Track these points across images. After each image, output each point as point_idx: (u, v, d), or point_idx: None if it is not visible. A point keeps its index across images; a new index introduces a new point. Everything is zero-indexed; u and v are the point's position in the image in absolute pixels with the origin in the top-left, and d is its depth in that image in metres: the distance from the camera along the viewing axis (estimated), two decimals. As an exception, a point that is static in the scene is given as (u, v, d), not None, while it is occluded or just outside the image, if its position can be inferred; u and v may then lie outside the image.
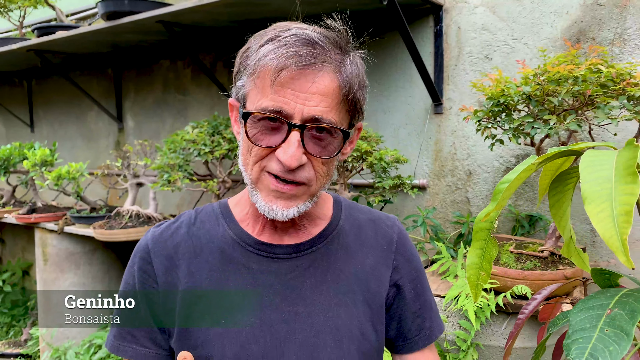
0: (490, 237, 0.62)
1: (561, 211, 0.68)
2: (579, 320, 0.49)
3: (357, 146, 1.58)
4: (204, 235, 0.79)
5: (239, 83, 0.69)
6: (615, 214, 0.44)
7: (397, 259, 0.84)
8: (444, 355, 1.38)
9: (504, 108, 1.27)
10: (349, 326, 0.77)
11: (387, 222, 0.87)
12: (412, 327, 0.84)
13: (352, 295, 0.79)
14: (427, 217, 1.74)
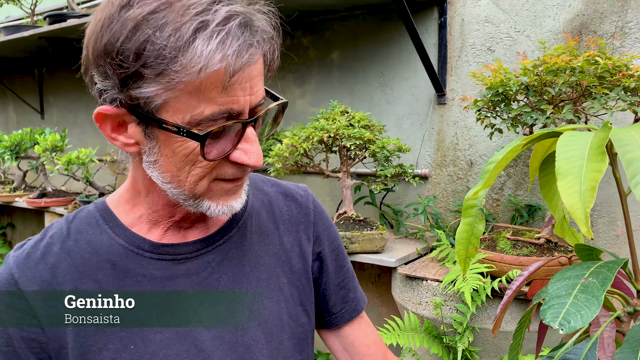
0: (478, 214, 0.66)
1: (552, 191, 0.71)
2: (555, 288, 0.53)
3: (360, 134, 1.61)
4: (85, 249, 0.64)
5: (141, 92, 0.52)
6: (582, 189, 0.47)
7: (317, 230, 0.77)
8: (441, 337, 1.43)
9: (503, 98, 1.31)
10: (278, 315, 0.70)
11: (300, 192, 0.80)
12: (337, 301, 0.79)
13: (275, 281, 0.72)
14: (428, 205, 1.78)
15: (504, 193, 1.84)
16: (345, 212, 1.76)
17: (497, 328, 0.76)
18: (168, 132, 0.55)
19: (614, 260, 0.55)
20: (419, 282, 1.49)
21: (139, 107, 0.55)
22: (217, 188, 0.60)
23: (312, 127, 1.67)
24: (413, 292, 1.50)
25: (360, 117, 1.68)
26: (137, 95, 0.53)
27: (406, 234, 1.94)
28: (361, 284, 2.30)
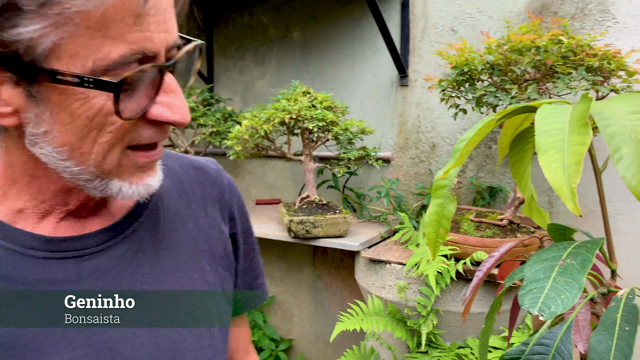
0: (449, 195, 0.62)
1: (521, 170, 0.69)
2: (533, 272, 0.50)
3: (323, 116, 1.57)
4: None
5: (18, 33, 0.38)
6: (566, 163, 0.44)
7: (232, 209, 0.69)
8: (404, 321, 1.41)
9: (467, 78, 1.28)
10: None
11: (212, 165, 0.71)
12: (241, 286, 0.71)
13: (198, 270, 0.62)
14: (391, 188, 1.75)
15: (466, 175, 1.84)
16: (308, 196, 1.71)
17: (467, 312, 0.73)
18: (64, 87, 0.41)
19: (591, 240, 0.53)
20: (382, 266, 1.47)
21: (17, 57, 0.40)
22: (128, 163, 0.48)
23: (273, 108, 1.61)
24: (377, 276, 1.48)
25: (322, 98, 1.63)
26: (12, 38, 0.38)
27: (369, 217, 1.92)
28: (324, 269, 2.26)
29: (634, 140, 0.45)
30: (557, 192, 0.44)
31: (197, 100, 1.93)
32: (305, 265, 2.23)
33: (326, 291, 2.19)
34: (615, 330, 0.51)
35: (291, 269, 2.27)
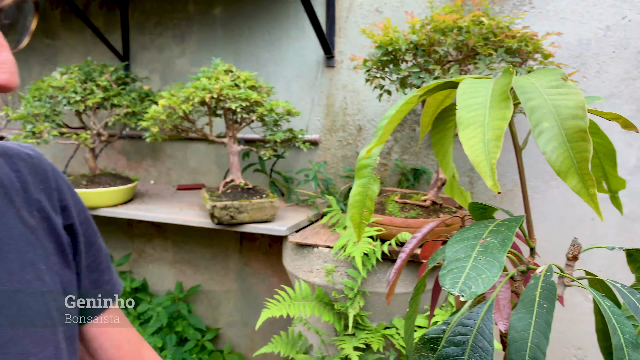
0: (372, 174, 0.59)
1: (443, 149, 0.67)
2: (454, 251, 0.48)
3: (247, 96, 1.50)
4: None
5: None
6: (486, 139, 0.42)
7: (62, 197, 0.63)
8: (332, 304, 1.40)
9: (392, 58, 1.27)
10: (47, 313, 0.55)
11: (28, 151, 0.63)
12: (88, 286, 0.65)
13: (32, 270, 0.56)
14: (319, 171, 1.73)
15: (391, 157, 1.85)
16: (232, 180, 1.65)
17: (391, 294, 0.72)
18: None
19: (511, 218, 0.52)
20: (310, 250, 1.44)
21: None
22: None
23: (192, 87, 1.52)
24: (304, 260, 1.45)
25: (246, 77, 1.57)
26: None
27: (297, 201, 1.88)
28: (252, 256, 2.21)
29: (554, 114, 0.44)
30: (476, 168, 0.42)
31: (110, 78, 1.79)
32: (232, 253, 2.17)
33: (254, 278, 2.15)
34: (534, 307, 0.51)
35: (217, 257, 2.19)
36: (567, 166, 0.42)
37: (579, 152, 0.41)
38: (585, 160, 0.41)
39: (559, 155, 0.42)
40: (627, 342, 0.48)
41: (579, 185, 0.41)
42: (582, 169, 0.41)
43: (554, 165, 0.43)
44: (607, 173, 0.60)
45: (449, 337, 0.51)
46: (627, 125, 0.50)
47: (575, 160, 0.42)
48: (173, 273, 2.29)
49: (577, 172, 0.41)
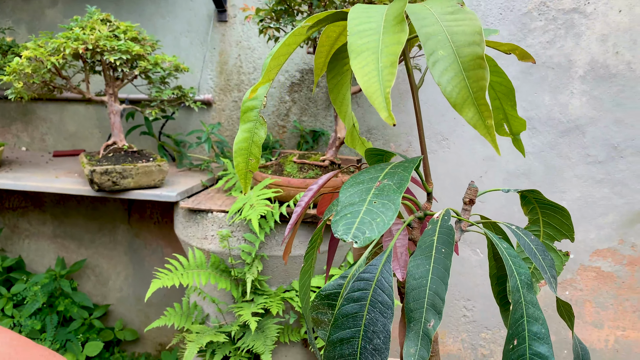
0: (259, 118, 0.53)
1: (340, 95, 0.62)
2: (348, 195, 0.43)
3: (127, 47, 1.35)
4: None
5: None
6: (380, 66, 0.38)
7: None
8: (229, 271, 1.33)
9: (287, 8, 1.19)
10: None
11: None
12: None
13: None
14: (212, 132, 1.62)
15: (290, 119, 1.79)
16: (114, 143, 1.50)
17: (288, 253, 0.67)
18: None
19: (408, 160, 0.48)
20: (203, 215, 1.36)
21: None
22: None
23: (63, 37, 1.33)
24: (197, 227, 1.36)
25: (126, 27, 1.41)
26: None
27: (190, 166, 1.77)
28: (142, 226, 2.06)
29: (450, 41, 0.40)
30: (370, 99, 0.37)
31: (-38, 26, 1.53)
32: (120, 224, 2.00)
33: (145, 249, 2.01)
34: (432, 253, 0.48)
35: (103, 229, 2.02)
36: (463, 97, 0.39)
37: (475, 81, 0.38)
38: (482, 90, 0.38)
39: (455, 86, 0.39)
40: (523, 283, 0.47)
41: (476, 117, 0.38)
42: (479, 99, 0.38)
43: (449, 97, 0.39)
44: (508, 114, 0.59)
45: (347, 293, 0.47)
46: (524, 57, 0.48)
47: (471, 90, 0.38)
48: (53, 249, 2.08)
49: (474, 103, 0.38)
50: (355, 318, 0.47)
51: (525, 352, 0.46)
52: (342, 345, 0.48)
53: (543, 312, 1.68)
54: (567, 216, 0.53)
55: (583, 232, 1.63)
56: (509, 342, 0.45)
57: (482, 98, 0.38)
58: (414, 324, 0.47)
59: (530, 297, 0.47)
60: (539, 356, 0.46)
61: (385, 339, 0.47)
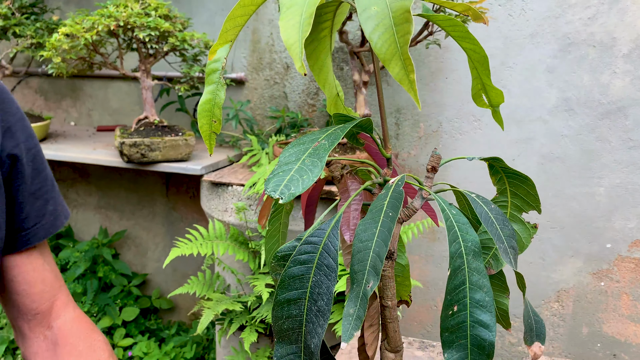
0: (220, 80, 0.54)
1: (319, 62, 0.62)
2: (287, 155, 0.44)
3: (156, 24, 1.40)
4: None
5: None
6: (302, 18, 0.38)
7: (6, 119, 0.62)
8: (247, 243, 1.37)
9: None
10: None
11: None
12: (31, 213, 0.65)
13: None
14: (240, 109, 1.66)
15: (319, 98, 1.80)
16: (146, 117, 1.56)
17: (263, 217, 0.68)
18: None
19: (351, 120, 0.48)
20: (224, 189, 1.39)
21: None
22: None
23: (97, 14, 1.40)
24: (219, 199, 1.41)
25: (157, 4, 1.46)
26: None
27: (221, 142, 1.82)
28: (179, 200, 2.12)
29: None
30: (289, 50, 0.37)
31: (13, 6, 1.63)
32: (158, 197, 2.09)
33: (182, 222, 2.09)
34: (381, 217, 0.48)
35: (143, 202, 2.12)
36: (391, 52, 0.38)
37: (402, 35, 0.37)
38: (407, 44, 0.37)
39: (385, 41, 0.38)
40: (469, 250, 0.46)
41: (402, 72, 0.38)
42: (404, 53, 0.37)
43: (379, 52, 0.38)
44: (485, 84, 0.57)
45: (294, 256, 0.48)
46: (477, 18, 0.46)
47: (399, 45, 0.38)
48: (98, 219, 2.21)
49: (400, 58, 0.38)
50: (302, 280, 0.48)
51: (466, 319, 0.45)
52: (290, 306, 0.49)
53: (568, 306, 1.59)
54: (532, 186, 0.51)
55: (622, 221, 1.54)
56: (448, 308, 0.45)
57: (406, 52, 0.37)
58: (356, 286, 0.47)
59: (476, 264, 0.45)
60: (481, 324, 0.45)
61: (328, 301, 0.48)
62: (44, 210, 0.66)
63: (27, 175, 0.64)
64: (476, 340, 0.45)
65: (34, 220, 0.65)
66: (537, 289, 1.67)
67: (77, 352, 0.68)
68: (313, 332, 0.48)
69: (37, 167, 0.65)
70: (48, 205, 0.67)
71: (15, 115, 0.63)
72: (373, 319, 0.57)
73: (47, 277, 0.69)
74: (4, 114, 0.61)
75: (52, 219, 0.67)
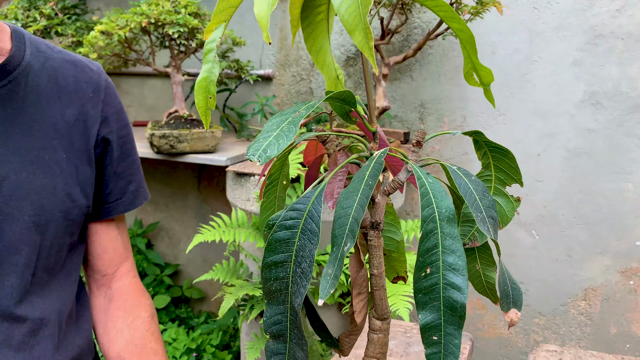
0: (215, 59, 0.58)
1: (317, 44, 0.65)
2: (269, 125, 0.48)
3: (185, 21, 1.46)
4: None
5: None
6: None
7: (106, 109, 0.74)
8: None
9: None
10: (52, 188, 0.67)
11: (92, 66, 0.75)
12: (114, 190, 0.75)
13: (52, 152, 0.67)
14: (266, 104, 1.71)
15: (345, 93, 1.83)
16: (176, 111, 1.63)
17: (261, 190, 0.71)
18: None
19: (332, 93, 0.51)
20: (247, 179, 1.44)
21: None
22: None
23: (131, 12, 1.48)
24: (242, 189, 1.46)
25: (187, 2, 1.52)
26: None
27: (248, 136, 1.87)
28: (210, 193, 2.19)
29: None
30: (259, 22, 0.41)
31: (56, 7, 1.74)
32: (190, 190, 2.17)
33: (212, 214, 2.16)
34: (362, 186, 0.51)
35: (176, 195, 2.20)
36: (356, 22, 0.41)
37: (365, 6, 0.40)
38: (367, 14, 0.40)
39: (351, 13, 0.41)
40: (443, 216, 0.48)
41: (363, 40, 0.41)
42: (365, 23, 0.40)
43: (346, 23, 0.41)
44: (475, 63, 0.59)
45: (280, 221, 0.52)
46: None
47: (362, 15, 0.41)
48: (134, 210, 2.30)
49: (363, 28, 0.40)
50: (287, 244, 0.51)
51: (438, 281, 0.47)
52: (277, 268, 0.52)
53: (595, 305, 1.55)
54: (512, 159, 0.53)
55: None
56: (420, 270, 0.47)
57: (366, 22, 0.40)
58: (336, 249, 0.50)
59: (449, 230, 0.47)
60: (453, 286, 0.47)
61: (311, 263, 0.51)
62: (126, 190, 0.77)
63: (115, 158, 0.75)
64: (448, 302, 0.47)
65: (116, 197, 0.76)
66: (564, 287, 1.64)
67: (123, 307, 0.79)
68: (297, 293, 0.51)
69: (125, 152, 0.77)
70: (130, 185, 0.78)
71: (114, 107, 0.75)
72: (361, 287, 0.60)
73: (118, 247, 0.80)
74: (104, 106, 0.74)
75: (132, 197, 0.78)
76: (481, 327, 1.79)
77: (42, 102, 0.68)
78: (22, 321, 0.66)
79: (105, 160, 0.75)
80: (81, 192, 0.70)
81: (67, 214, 0.69)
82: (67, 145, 0.69)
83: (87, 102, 0.72)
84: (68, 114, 0.70)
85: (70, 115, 0.70)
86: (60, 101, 0.70)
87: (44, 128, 0.67)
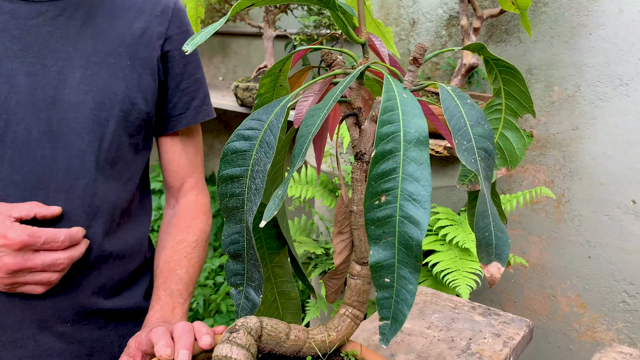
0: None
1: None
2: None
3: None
4: None
5: None
6: None
7: (171, 29, 0.79)
8: (335, 191, 1.37)
9: None
10: (114, 89, 0.72)
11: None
12: (177, 105, 0.81)
13: (117, 58, 0.73)
14: (356, 63, 1.64)
15: (444, 56, 1.69)
16: (265, 66, 1.64)
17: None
18: None
19: None
20: (321, 135, 1.41)
21: None
22: None
23: (226, -34, 1.51)
24: (316, 146, 1.43)
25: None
26: None
27: (340, 98, 1.83)
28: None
29: None
30: None
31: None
32: (285, 150, 2.20)
33: (303, 177, 2.17)
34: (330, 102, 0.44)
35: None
36: None
37: None
38: None
39: None
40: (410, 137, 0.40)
41: None
42: None
43: None
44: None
45: (238, 131, 0.48)
46: None
47: None
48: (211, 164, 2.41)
49: None
50: (244, 156, 0.47)
51: (394, 213, 0.39)
52: (233, 183, 0.48)
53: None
54: (521, 80, 0.42)
55: None
56: (374, 198, 0.39)
57: None
58: (292, 169, 0.44)
59: (417, 154, 0.39)
60: (411, 220, 0.39)
61: (263, 179, 0.46)
62: (189, 105, 0.82)
63: (178, 74, 0.80)
64: (404, 238, 0.39)
65: (179, 111, 0.81)
66: None
67: (177, 225, 0.83)
68: (250, 211, 0.47)
69: (189, 71, 0.81)
70: (193, 102, 0.83)
71: (180, 28, 0.80)
72: (342, 225, 0.53)
73: (182, 162, 0.85)
74: (170, 25, 0.79)
75: (194, 113, 0.83)
76: (577, 328, 1.57)
77: (112, 14, 0.74)
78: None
79: (168, 75, 0.80)
80: (142, 98, 0.75)
81: (127, 115, 0.74)
82: (132, 54, 0.74)
83: (154, 19, 0.78)
84: (135, 27, 0.76)
85: (137, 29, 0.76)
86: (129, 14, 0.76)
87: (111, 36, 0.73)
